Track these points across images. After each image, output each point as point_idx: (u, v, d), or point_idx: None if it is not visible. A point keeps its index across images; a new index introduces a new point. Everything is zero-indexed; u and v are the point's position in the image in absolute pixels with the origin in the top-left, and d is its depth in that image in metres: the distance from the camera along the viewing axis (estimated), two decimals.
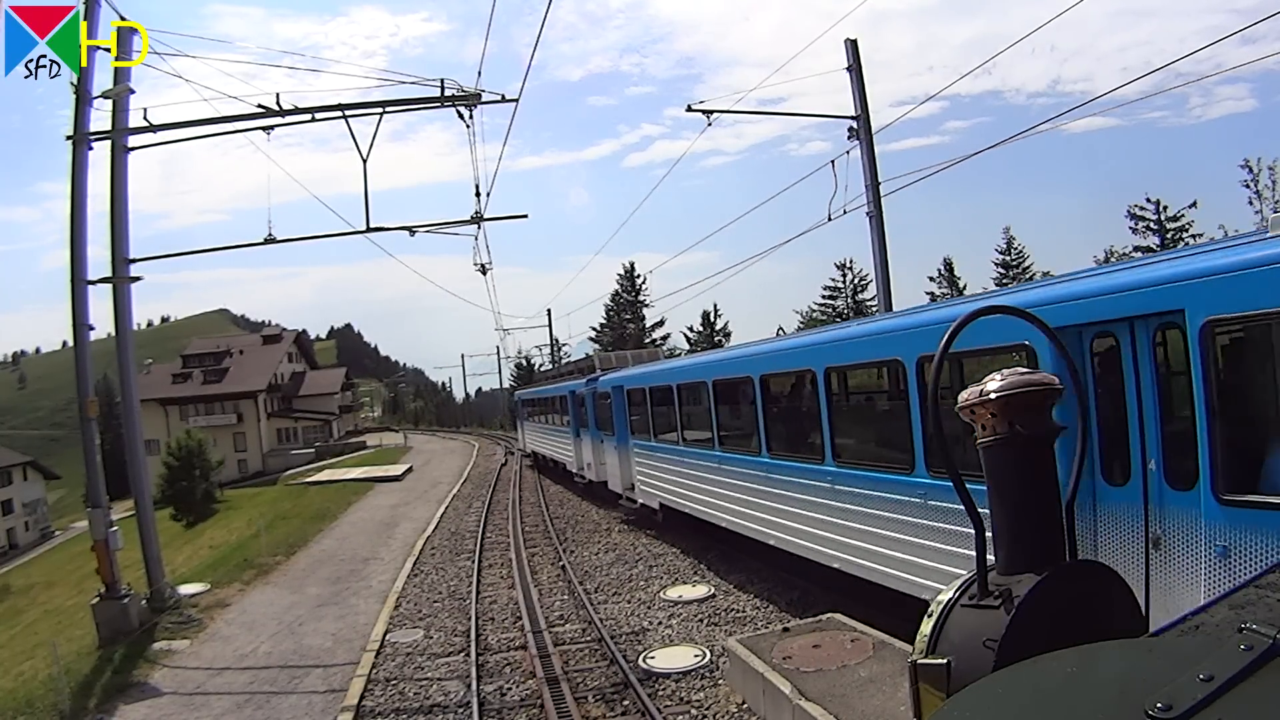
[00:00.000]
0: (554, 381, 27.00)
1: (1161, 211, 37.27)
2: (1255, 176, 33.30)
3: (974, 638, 1.05)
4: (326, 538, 18.37)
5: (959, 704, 0.82)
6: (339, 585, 13.19)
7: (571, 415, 21.23)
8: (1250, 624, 0.73)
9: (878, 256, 13.91)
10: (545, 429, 27.54)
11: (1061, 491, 1.18)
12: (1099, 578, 1.16)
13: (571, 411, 21.22)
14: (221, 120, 11.66)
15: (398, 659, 9.09)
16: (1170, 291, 4.42)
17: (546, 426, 27.08)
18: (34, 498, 56.17)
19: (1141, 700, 0.66)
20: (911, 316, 7.44)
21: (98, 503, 11.15)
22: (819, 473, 8.29)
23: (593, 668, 8.24)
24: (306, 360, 75.83)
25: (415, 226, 13.23)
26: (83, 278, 11.34)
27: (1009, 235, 45.18)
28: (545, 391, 27.43)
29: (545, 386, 28.61)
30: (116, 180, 11.65)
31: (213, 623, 11.43)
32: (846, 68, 13.73)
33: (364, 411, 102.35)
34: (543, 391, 28.31)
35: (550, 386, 26.55)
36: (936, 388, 1.22)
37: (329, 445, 59.39)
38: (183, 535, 29.94)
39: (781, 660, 6.63)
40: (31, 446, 77.36)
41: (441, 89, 11.41)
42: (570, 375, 23.63)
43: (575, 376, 22.01)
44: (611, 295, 55.95)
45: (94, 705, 8.65)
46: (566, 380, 23.24)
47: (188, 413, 58.03)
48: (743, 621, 9.19)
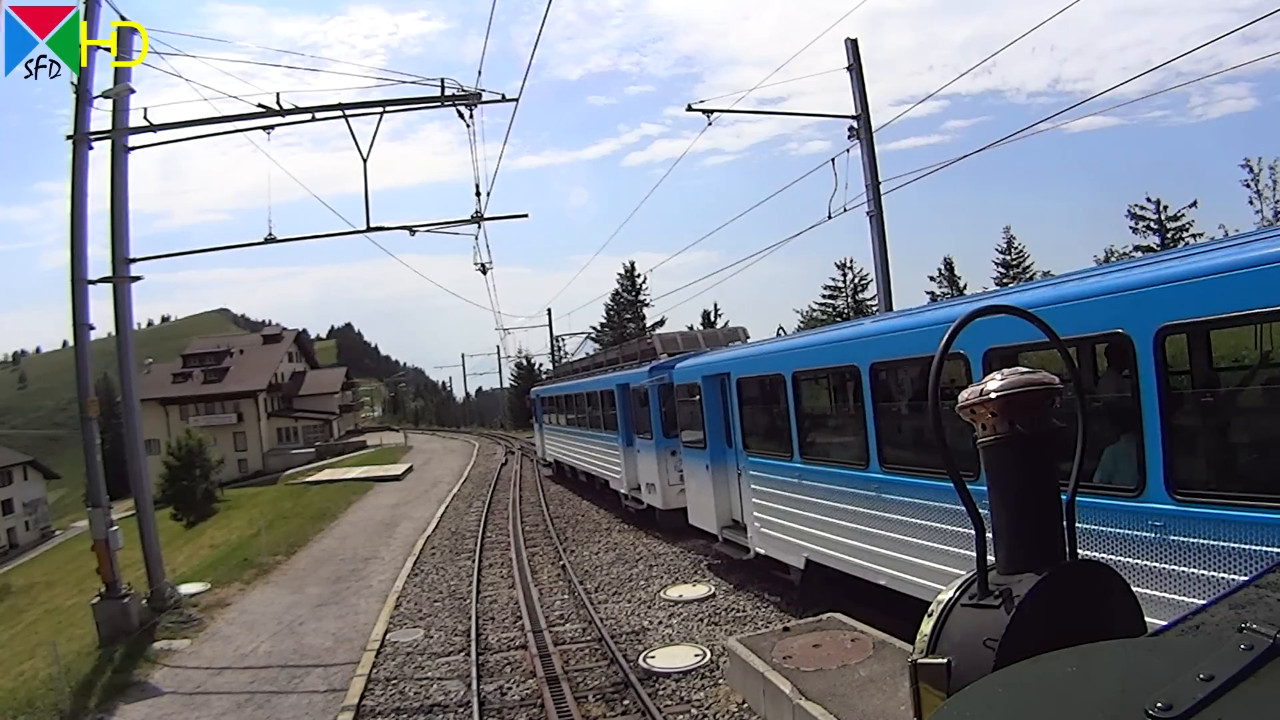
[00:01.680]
0: (588, 374, 21.12)
1: (1162, 211, 37.31)
2: (1255, 176, 33.34)
3: (974, 637, 1.05)
4: (327, 537, 18.38)
5: (959, 703, 0.82)
6: (339, 585, 13.19)
7: (621, 417, 16.35)
8: (1250, 624, 0.73)
9: (878, 256, 13.90)
10: (576, 434, 21.78)
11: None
12: (1099, 577, 1.16)
13: (621, 412, 16.36)
14: (222, 120, 11.66)
15: (398, 658, 9.10)
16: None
17: (578, 431, 21.44)
18: (34, 497, 56.21)
19: (1141, 700, 0.66)
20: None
21: (98, 502, 11.15)
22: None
23: (593, 667, 8.24)
24: (307, 360, 75.86)
25: (415, 226, 13.24)
26: (83, 277, 11.34)
27: (1009, 235, 45.26)
28: (577, 386, 21.26)
29: (576, 380, 21.94)
30: (116, 180, 11.65)
31: (213, 622, 11.44)
32: (847, 67, 13.73)
33: (364, 411, 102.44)
34: (573, 387, 21.95)
35: (584, 380, 20.73)
36: (937, 387, 1.22)
37: (329, 445, 59.42)
38: (183, 535, 29.98)
39: (782, 660, 6.63)
40: (32, 446, 77.42)
41: (442, 88, 11.42)
42: (613, 365, 18.45)
43: (622, 365, 17.41)
44: (612, 295, 56.03)
45: (94, 705, 8.65)
46: (610, 371, 18.10)
47: (188, 412, 58.09)
48: (743, 621, 9.19)
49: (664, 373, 13.66)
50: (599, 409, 18.47)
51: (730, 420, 10.67)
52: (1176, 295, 4.40)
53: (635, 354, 16.93)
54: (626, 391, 16.00)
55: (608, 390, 17.36)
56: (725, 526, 11.20)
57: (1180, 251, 5.51)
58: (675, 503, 13.65)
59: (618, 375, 16.86)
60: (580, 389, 20.70)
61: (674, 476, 13.72)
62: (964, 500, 1.16)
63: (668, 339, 15.97)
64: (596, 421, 18.98)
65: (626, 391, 16.00)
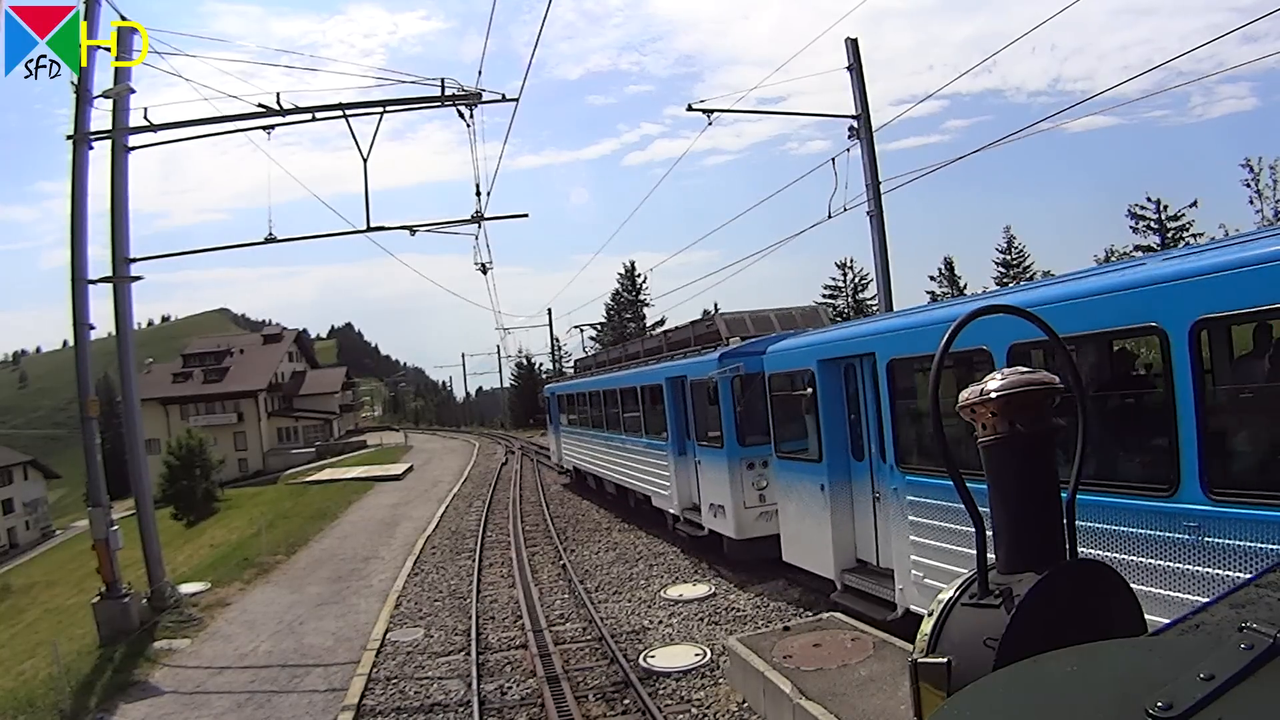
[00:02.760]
0: (619, 367, 17.59)
1: (1162, 211, 37.35)
2: (1256, 176, 33.36)
3: (974, 637, 1.05)
4: (327, 537, 18.38)
5: (959, 703, 0.82)
6: (339, 584, 13.20)
7: (671, 418, 13.18)
8: (1251, 623, 0.73)
9: (878, 255, 13.91)
10: (605, 439, 17.98)
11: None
12: (1099, 577, 1.16)
13: (671, 412, 13.17)
14: (222, 119, 11.67)
15: (398, 658, 9.10)
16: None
17: (608, 436, 17.66)
18: (34, 497, 56.25)
19: (1142, 699, 0.66)
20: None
21: (98, 502, 11.15)
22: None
23: (593, 667, 8.25)
24: (307, 359, 75.90)
25: (415, 226, 13.24)
26: (83, 277, 11.34)
27: (1010, 235, 45.29)
28: (608, 382, 17.68)
29: (606, 374, 18.33)
30: (117, 180, 11.65)
31: (213, 622, 11.44)
32: (847, 67, 13.73)
33: (364, 411, 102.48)
34: (601, 382, 18.34)
35: (617, 374, 17.16)
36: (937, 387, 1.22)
37: (329, 444, 59.43)
38: (183, 534, 29.96)
39: (782, 659, 6.63)
40: (32, 446, 77.46)
41: (442, 88, 11.42)
42: (654, 355, 15.14)
43: (669, 355, 14.08)
44: (612, 294, 56.05)
45: (95, 704, 8.65)
46: (652, 362, 14.83)
47: (188, 412, 58.10)
48: (743, 620, 9.20)
49: (742, 360, 10.72)
50: (638, 408, 15.32)
51: (867, 422, 8.01)
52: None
53: (687, 340, 13.77)
54: (680, 386, 12.75)
55: (652, 385, 14.14)
56: (849, 569, 8.48)
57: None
58: (754, 530, 10.69)
59: (667, 367, 13.43)
60: (612, 385, 17.21)
61: (752, 496, 10.74)
62: (964, 499, 1.16)
63: (734, 321, 12.51)
64: (634, 424, 15.68)
65: (680, 386, 12.75)
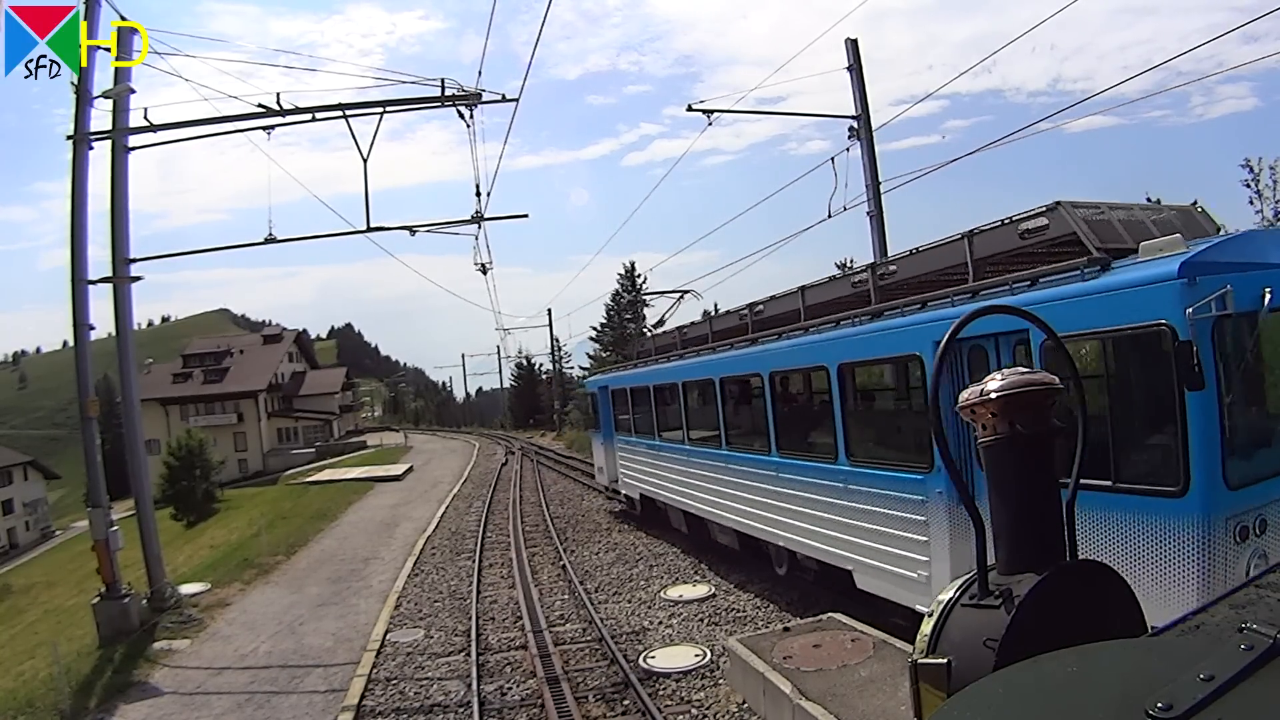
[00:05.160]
0: (752, 340, 10.37)
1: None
2: (1256, 176, 33.24)
3: (974, 637, 1.05)
4: (327, 537, 18.37)
5: (959, 703, 0.82)
6: (339, 585, 13.19)
7: (951, 424, 4.76)
8: (1250, 624, 0.73)
9: (878, 255, 13.88)
10: (719, 461, 11.10)
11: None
12: (1099, 577, 1.16)
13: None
14: (222, 120, 11.66)
15: (398, 659, 9.10)
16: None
17: (726, 456, 10.89)
18: (34, 497, 56.21)
19: (1142, 700, 0.66)
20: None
21: (98, 502, 11.15)
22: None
23: (593, 667, 8.24)
24: (307, 360, 75.83)
25: (415, 226, 13.22)
26: (83, 277, 11.34)
27: None
28: (730, 364, 10.82)
29: (722, 355, 11.16)
30: (117, 180, 11.65)
31: (213, 622, 11.44)
32: (847, 67, 13.71)
33: (364, 411, 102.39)
34: (713, 366, 11.32)
35: (769, 346, 9.65)
36: (937, 386, 1.22)
37: (329, 445, 59.38)
38: (183, 535, 29.95)
39: (782, 660, 6.63)
40: (32, 446, 77.40)
41: (442, 88, 11.41)
42: (839, 303, 8.79)
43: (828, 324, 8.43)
44: (612, 295, 55.86)
45: (94, 705, 8.65)
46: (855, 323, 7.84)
47: (188, 412, 58.02)
48: (743, 621, 9.20)
49: (1235, 278, 4.51)
50: (813, 408, 9.04)
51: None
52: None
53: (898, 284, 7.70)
54: (987, 356, 6.00)
55: (885, 360, 7.61)
56: None
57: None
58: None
59: (918, 320, 6.84)
60: (752, 365, 10.08)
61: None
62: (963, 499, 1.16)
63: (1099, 221, 5.71)
64: (796, 437, 9.25)
65: (987, 356, 6.00)
